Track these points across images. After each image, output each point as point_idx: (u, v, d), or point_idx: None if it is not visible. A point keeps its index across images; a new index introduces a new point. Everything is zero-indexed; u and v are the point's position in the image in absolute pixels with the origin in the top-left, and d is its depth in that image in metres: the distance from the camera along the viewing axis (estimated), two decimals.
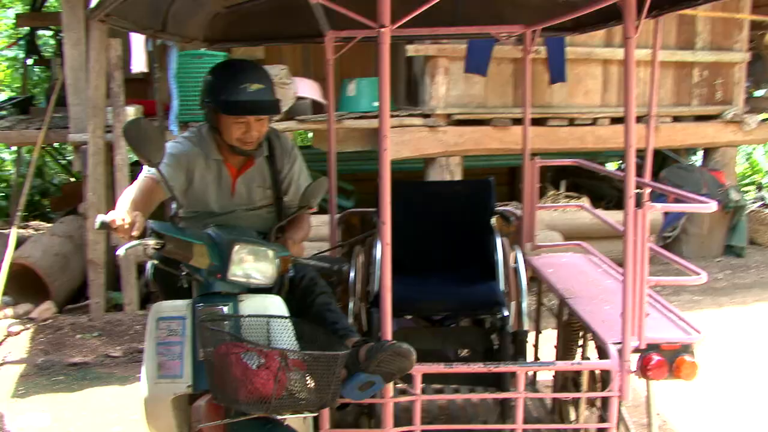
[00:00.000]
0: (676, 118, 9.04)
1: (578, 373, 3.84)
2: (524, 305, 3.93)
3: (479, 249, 4.27)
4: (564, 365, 3.72)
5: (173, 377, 2.73)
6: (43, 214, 11.68)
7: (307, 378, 2.44)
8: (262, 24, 4.22)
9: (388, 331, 2.78)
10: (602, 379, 3.57)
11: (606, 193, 10.30)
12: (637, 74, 8.67)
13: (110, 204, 6.92)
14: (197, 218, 3.32)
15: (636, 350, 2.98)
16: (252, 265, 2.77)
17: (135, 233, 2.60)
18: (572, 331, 4.00)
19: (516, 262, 4.14)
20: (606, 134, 8.61)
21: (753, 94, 10.49)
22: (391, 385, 2.85)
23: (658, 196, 8.90)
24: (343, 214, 4.75)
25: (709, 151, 9.75)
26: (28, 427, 4.70)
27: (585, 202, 8.74)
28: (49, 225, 9.59)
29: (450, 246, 4.35)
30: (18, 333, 6.40)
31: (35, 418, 4.82)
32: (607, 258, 4.36)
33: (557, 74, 8.12)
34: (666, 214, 8.82)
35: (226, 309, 2.72)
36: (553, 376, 4.24)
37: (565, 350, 4.06)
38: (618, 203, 9.80)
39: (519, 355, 3.67)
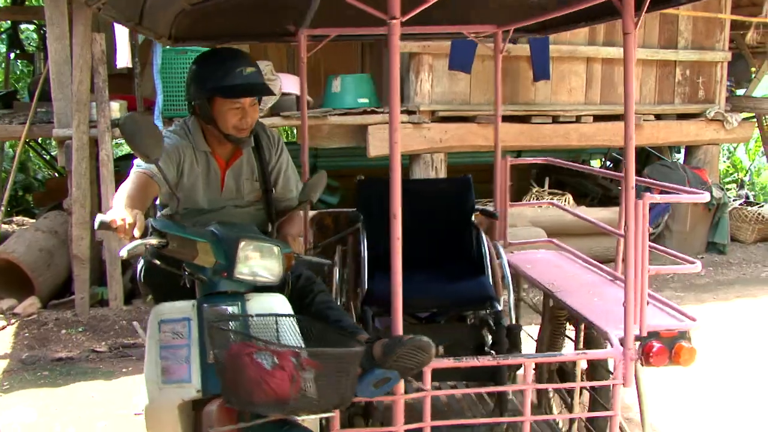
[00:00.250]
0: (659, 116, 9.11)
1: (562, 366, 3.90)
2: (511, 300, 3.96)
3: (462, 246, 4.30)
4: (571, 356, 3.71)
5: (179, 382, 2.59)
6: (26, 209, 11.64)
7: (323, 377, 2.37)
8: (229, 22, 4.13)
9: (399, 326, 2.75)
10: (589, 370, 3.63)
11: (590, 190, 10.37)
12: (618, 72, 8.74)
13: (95, 199, 6.92)
14: (186, 216, 3.26)
15: (637, 338, 3.03)
16: (258, 262, 2.69)
17: (137, 233, 2.48)
18: (558, 324, 4.04)
19: (499, 257, 4.18)
20: (590, 132, 8.67)
21: (735, 93, 10.59)
22: (401, 381, 2.81)
23: (644, 191, 8.92)
24: (316, 214, 4.78)
25: (691, 149, 9.83)
26: (13, 422, 4.70)
27: (569, 199, 8.81)
28: (33, 220, 9.56)
29: (433, 243, 4.36)
30: (2, 328, 6.39)
31: (21, 413, 4.81)
32: (585, 254, 4.41)
33: (541, 72, 8.16)
34: (650, 210, 8.91)
35: (233, 309, 2.64)
36: (535, 370, 4.28)
37: (550, 343, 4.11)
38: (602, 200, 9.88)
39: (514, 348, 3.69)
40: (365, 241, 4.03)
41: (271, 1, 3.72)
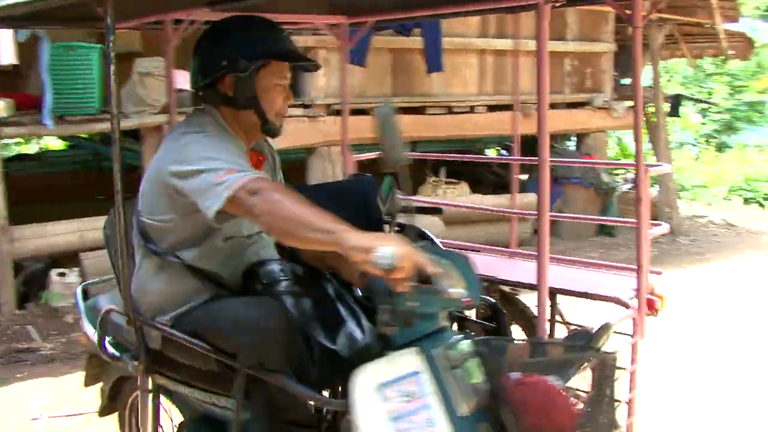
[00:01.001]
0: (551, 105, 9.37)
1: None
2: None
3: None
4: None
5: None
6: None
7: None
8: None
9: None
10: None
11: (485, 178, 10.61)
12: (510, 63, 8.96)
13: None
14: (230, 249, 2.56)
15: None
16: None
17: (431, 268, 1.97)
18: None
19: None
20: (483, 121, 8.88)
21: (620, 83, 11.00)
22: None
23: (535, 180, 9.27)
24: None
25: (581, 137, 10.20)
26: None
27: (464, 187, 9.00)
28: None
29: None
30: None
31: None
32: (478, 241, 4.51)
33: (434, 64, 8.30)
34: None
35: (461, 346, 2.15)
36: None
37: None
38: (496, 188, 10.12)
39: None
40: None
41: None
